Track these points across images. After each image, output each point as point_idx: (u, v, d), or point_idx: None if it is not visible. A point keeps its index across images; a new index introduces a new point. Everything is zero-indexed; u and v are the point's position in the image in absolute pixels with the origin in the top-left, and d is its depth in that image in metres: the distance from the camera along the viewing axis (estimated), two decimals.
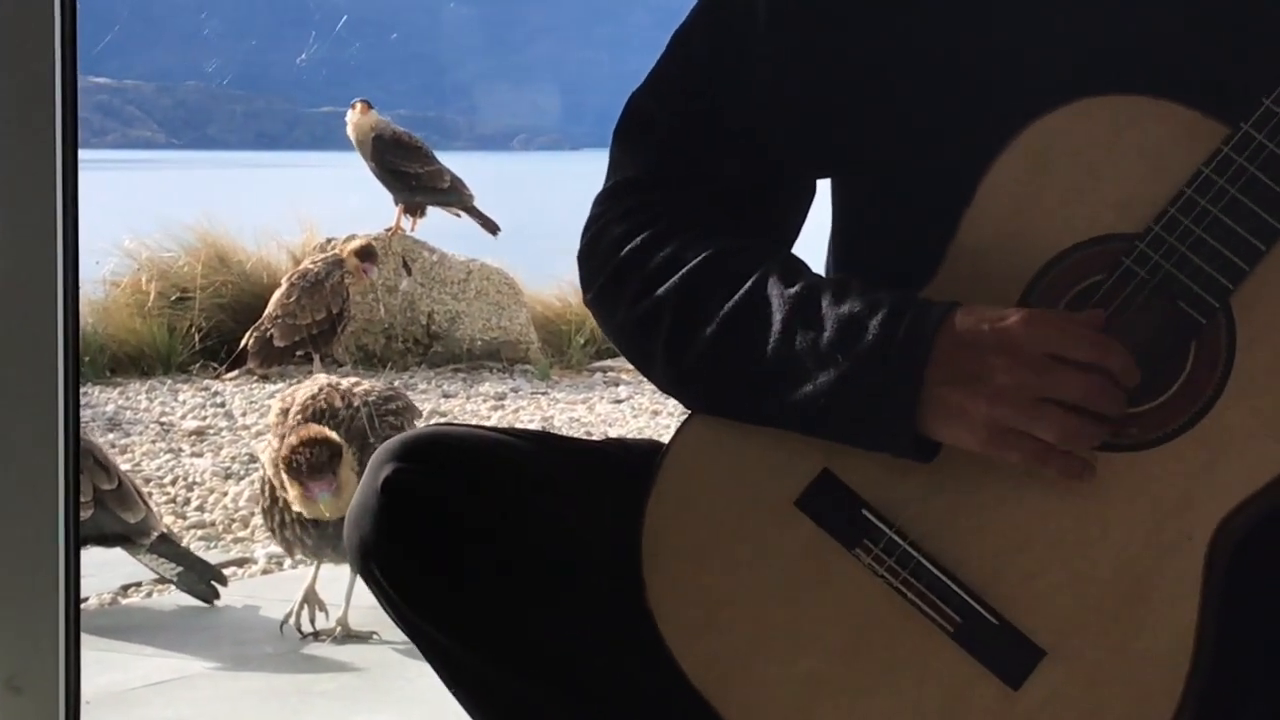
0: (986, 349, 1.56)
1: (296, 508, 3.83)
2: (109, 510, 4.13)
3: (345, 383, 4.18)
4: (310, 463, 3.78)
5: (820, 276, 1.70)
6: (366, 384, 4.22)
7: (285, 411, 4.03)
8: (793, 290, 1.66)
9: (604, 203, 1.83)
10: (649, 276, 1.74)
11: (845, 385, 1.61)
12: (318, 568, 3.95)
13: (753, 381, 1.67)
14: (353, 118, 9.18)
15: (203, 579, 4.27)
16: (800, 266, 1.71)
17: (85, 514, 4.04)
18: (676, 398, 1.78)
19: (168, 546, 4.26)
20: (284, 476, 3.82)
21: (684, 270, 1.72)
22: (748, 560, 1.68)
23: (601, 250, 1.80)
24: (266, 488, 3.96)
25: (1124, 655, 1.58)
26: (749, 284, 1.69)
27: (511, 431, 1.82)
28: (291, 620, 3.93)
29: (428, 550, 1.73)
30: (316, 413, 3.98)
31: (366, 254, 8.26)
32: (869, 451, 1.63)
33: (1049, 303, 1.61)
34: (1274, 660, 1.61)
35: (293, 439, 3.84)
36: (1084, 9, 1.68)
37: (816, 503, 1.66)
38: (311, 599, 3.93)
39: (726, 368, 1.69)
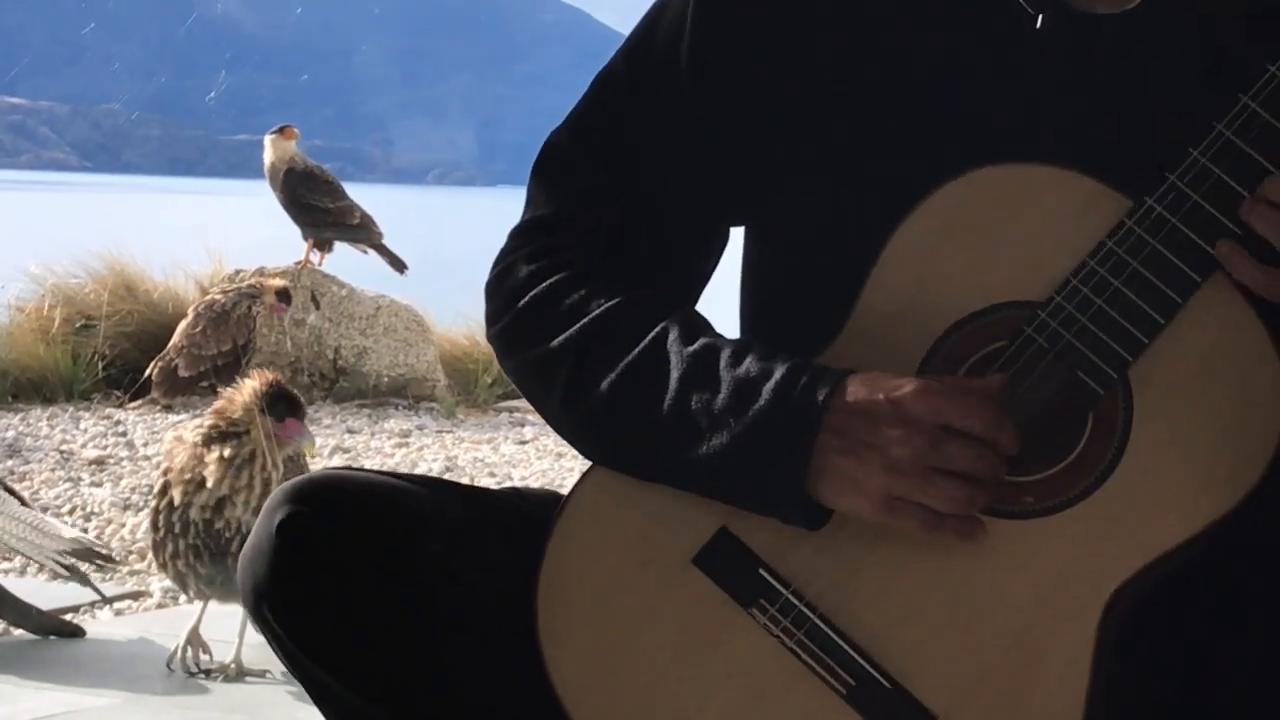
0: (881, 419, 1.57)
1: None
2: None
3: None
4: (292, 399, 3.79)
5: (721, 336, 1.70)
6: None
7: (179, 439, 3.98)
8: (692, 349, 1.67)
9: (515, 239, 1.84)
10: (552, 322, 1.74)
11: (737, 448, 1.61)
12: (204, 608, 3.90)
13: (646, 438, 1.67)
14: (275, 140, 9.14)
15: (44, 627, 4.22)
16: (703, 324, 1.72)
17: None
18: (570, 444, 1.78)
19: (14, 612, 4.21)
20: (258, 420, 3.78)
21: (586, 319, 1.72)
22: (643, 616, 1.68)
23: (507, 288, 1.80)
24: (160, 519, 3.90)
25: None
26: (648, 339, 1.69)
27: (409, 477, 1.81)
28: (176, 661, 3.88)
29: (320, 594, 1.72)
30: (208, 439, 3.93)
31: (285, 296, 8.22)
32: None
33: (950, 368, 1.62)
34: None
35: (260, 382, 3.81)
36: (1000, 82, 1.69)
37: (714, 561, 1.66)
38: (195, 640, 3.89)
39: (621, 421, 1.69)
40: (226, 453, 3.78)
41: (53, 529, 4.22)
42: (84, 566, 4.28)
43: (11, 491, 4.31)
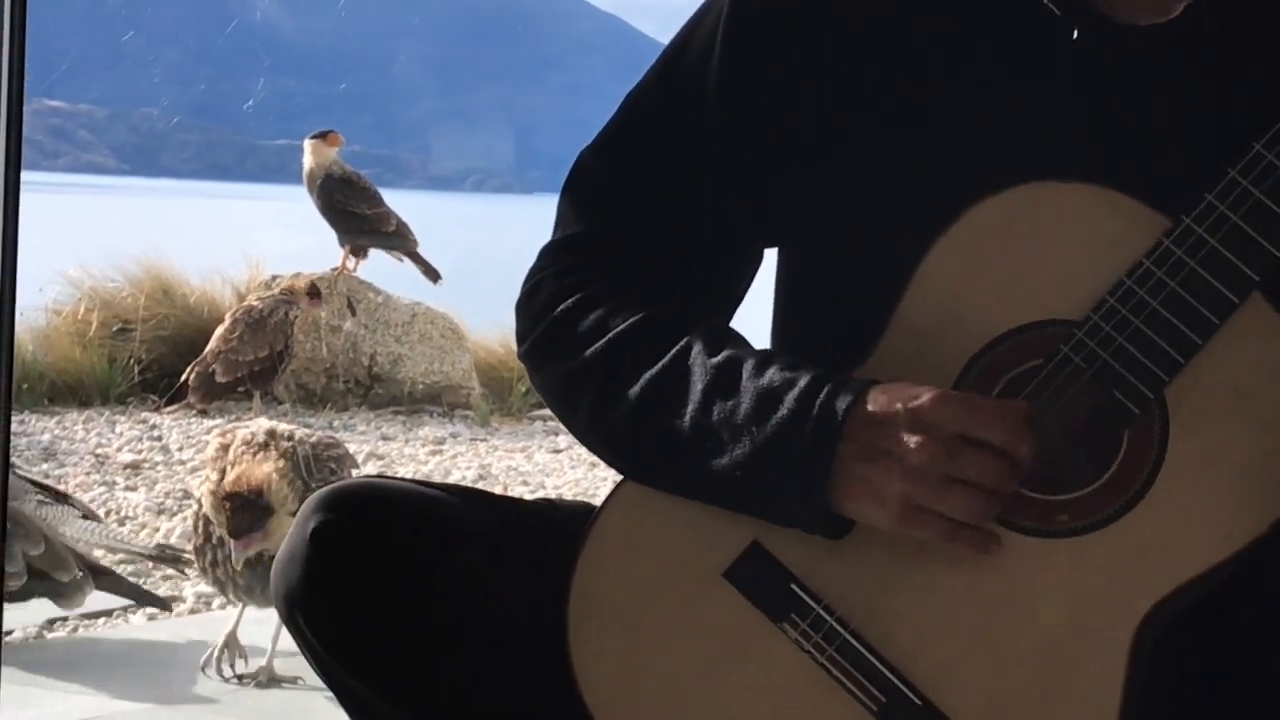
0: (899, 427, 1.57)
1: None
2: (41, 576, 4.07)
3: (285, 427, 4.13)
4: (233, 521, 3.71)
5: (747, 348, 1.70)
6: (304, 431, 4.17)
7: (225, 448, 3.97)
8: (715, 360, 1.67)
9: (545, 257, 1.84)
10: (578, 338, 1.75)
11: (758, 458, 1.61)
12: (241, 612, 3.91)
13: (670, 449, 1.67)
14: (316, 145, 9.15)
15: (139, 595, 4.27)
16: (729, 335, 1.72)
17: (16, 584, 3.99)
18: (602, 459, 1.78)
19: (112, 583, 4.24)
20: (215, 508, 3.76)
21: (612, 334, 1.72)
22: (674, 630, 1.68)
23: (536, 306, 1.80)
24: (201, 524, 3.91)
25: None
26: (673, 352, 1.69)
27: (442, 486, 1.82)
28: (211, 666, 3.89)
29: (352, 602, 1.72)
30: (257, 449, 3.92)
31: (315, 291, 8.24)
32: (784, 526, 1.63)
33: (985, 385, 1.61)
34: None
35: (230, 483, 3.75)
36: (1036, 95, 1.69)
37: (745, 575, 1.65)
38: (233, 644, 3.89)
39: (646, 435, 1.69)
40: (217, 533, 3.79)
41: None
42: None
43: (88, 513, 4.36)
